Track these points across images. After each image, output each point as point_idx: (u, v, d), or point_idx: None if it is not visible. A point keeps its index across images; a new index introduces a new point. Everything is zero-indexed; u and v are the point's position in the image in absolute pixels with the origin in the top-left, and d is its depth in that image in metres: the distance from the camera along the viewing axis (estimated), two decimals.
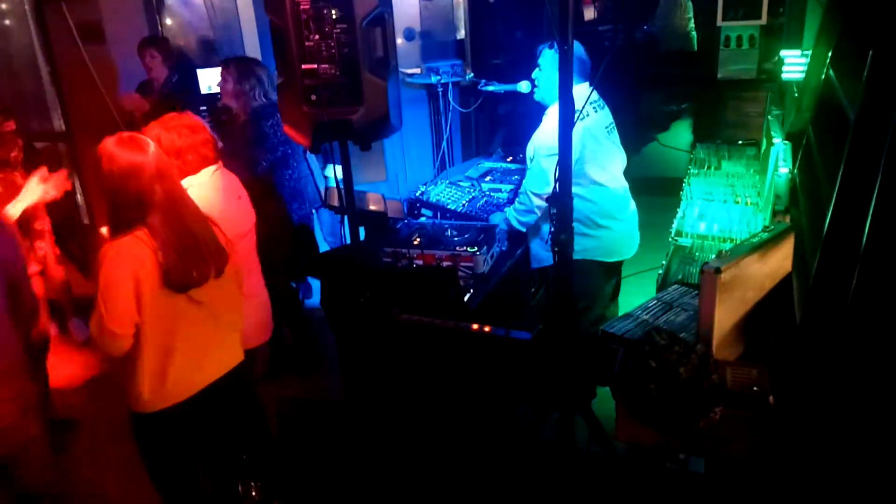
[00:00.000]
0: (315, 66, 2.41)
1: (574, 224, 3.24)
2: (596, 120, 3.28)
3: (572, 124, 2.24)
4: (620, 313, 3.73)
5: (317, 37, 2.39)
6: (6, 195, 3.41)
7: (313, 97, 2.44)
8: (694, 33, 8.49)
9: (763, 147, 4.29)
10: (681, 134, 8.32)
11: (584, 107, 2.40)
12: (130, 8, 6.11)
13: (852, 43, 1.88)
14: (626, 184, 3.53)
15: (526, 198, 3.33)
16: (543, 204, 3.27)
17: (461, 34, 6.81)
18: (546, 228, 3.42)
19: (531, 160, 3.37)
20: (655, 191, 4.90)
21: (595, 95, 3.22)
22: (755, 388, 2.16)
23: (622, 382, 2.21)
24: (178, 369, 2.39)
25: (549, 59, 3.30)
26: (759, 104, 6.10)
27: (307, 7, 2.36)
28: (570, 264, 2.39)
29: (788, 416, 2.04)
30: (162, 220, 2.28)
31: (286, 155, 3.98)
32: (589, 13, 8.26)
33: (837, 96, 1.90)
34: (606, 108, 3.40)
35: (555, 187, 2.31)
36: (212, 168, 2.89)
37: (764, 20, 6.10)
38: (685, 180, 4.20)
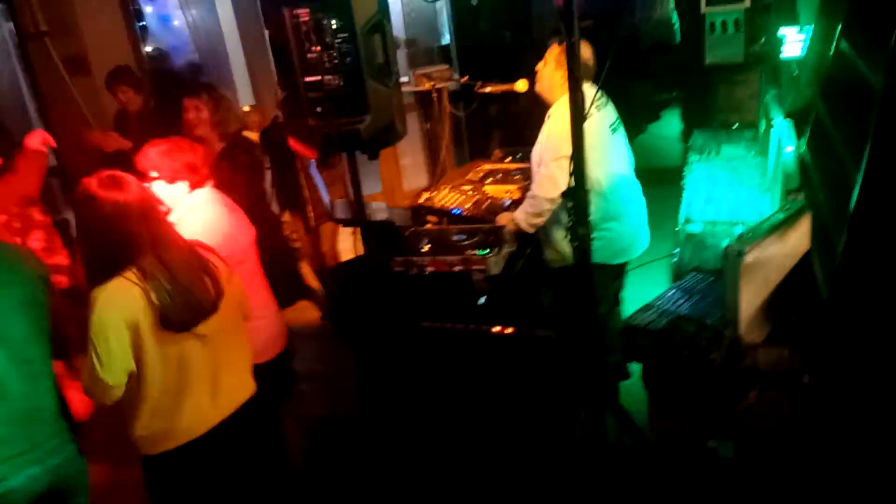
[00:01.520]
0: (319, 77, 2.39)
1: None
2: (597, 119, 3.23)
3: (583, 117, 2.23)
4: (629, 306, 3.71)
5: (318, 48, 2.37)
6: (23, 231, 3.36)
7: (319, 109, 2.42)
8: (677, 25, 8.47)
9: (762, 128, 4.29)
10: (671, 123, 8.32)
11: (589, 107, 2.37)
12: (114, 38, 6.06)
13: (868, 12, 1.88)
14: (633, 182, 3.46)
15: (535, 201, 3.29)
16: (553, 206, 3.23)
17: (446, 39, 6.82)
18: (560, 226, 3.38)
19: (538, 163, 3.32)
20: (650, 181, 4.92)
21: (596, 92, 3.19)
22: (788, 369, 2.16)
23: (654, 373, 2.20)
24: (191, 407, 2.29)
25: (554, 55, 3.25)
26: (750, 87, 6.11)
27: (306, 19, 2.34)
28: (590, 256, 2.37)
29: (823, 393, 2.02)
30: (152, 260, 2.17)
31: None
32: None
33: (856, 67, 1.89)
34: (610, 106, 3.35)
35: (570, 181, 2.29)
36: (207, 187, 2.87)
37: (748, 3, 6.12)
38: (686, 168, 4.20)
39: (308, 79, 2.40)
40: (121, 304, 2.11)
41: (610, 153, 3.27)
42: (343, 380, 3.95)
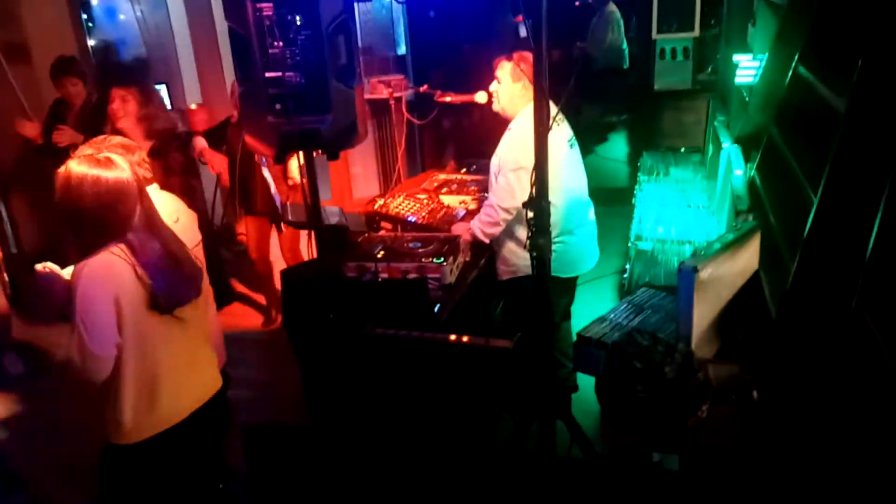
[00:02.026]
0: (280, 74, 2.33)
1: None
2: (556, 133, 3.27)
3: (547, 129, 2.23)
4: (575, 321, 3.75)
5: (281, 44, 2.31)
6: None
7: (278, 106, 2.36)
8: (626, 51, 8.70)
9: (709, 153, 4.42)
10: (618, 145, 8.50)
11: (554, 118, 2.39)
12: (57, 28, 5.84)
13: (831, 39, 1.94)
14: (586, 198, 3.52)
15: (493, 210, 3.31)
16: (509, 216, 3.27)
17: (402, 50, 6.81)
18: (515, 237, 3.40)
19: (497, 174, 3.34)
20: (596, 201, 5.03)
21: (554, 110, 3.23)
22: (738, 384, 2.19)
23: (608, 385, 2.20)
24: (168, 394, 2.26)
25: (507, 71, 3.29)
26: (696, 113, 6.31)
27: (270, 13, 2.28)
28: (548, 268, 2.37)
29: (772, 410, 2.06)
30: (143, 238, 2.18)
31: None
32: (523, 31, 8.40)
33: (816, 91, 1.95)
34: (566, 123, 3.41)
35: (531, 192, 2.29)
36: (151, 187, 2.79)
37: (696, 33, 6.33)
38: (636, 186, 4.28)
39: (269, 74, 2.33)
40: (107, 277, 2.10)
41: (567, 167, 3.31)
42: (287, 387, 3.87)
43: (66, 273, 2.37)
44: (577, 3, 10.15)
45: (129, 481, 2.36)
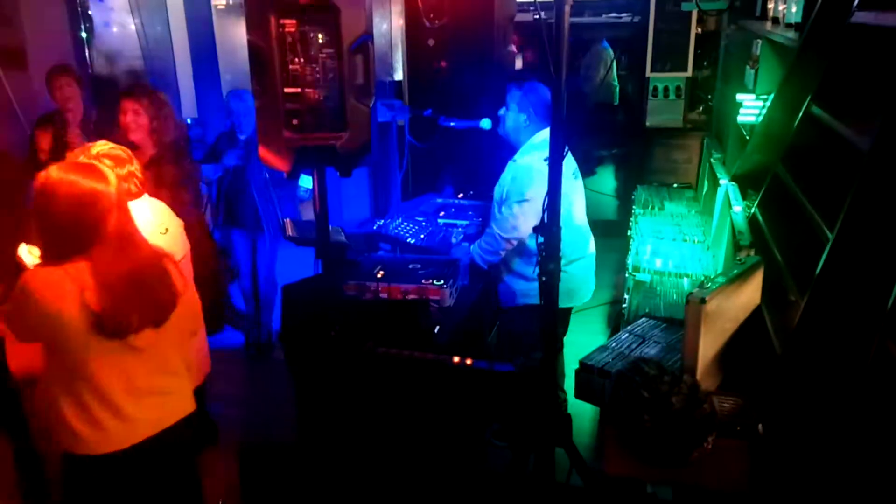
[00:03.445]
0: (299, 90, 2.35)
1: (528, 268, 3.25)
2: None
3: (562, 154, 2.27)
4: (567, 350, 3.76)
5: (301, 60, 2.33)
6: None
7: (295, 121, 2.37)
8: (617, 88, 8.83)
9: (704, 189, 4.49)
10: (608, 179, 8.59)
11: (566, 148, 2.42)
12: (56, 36, 5.83)
13: (851, 79, 2.00)
14: (587, 229, 3.56)
15: (493, 239, 3.33)
16: (510, 247, 3.31)
17: (398, 75, 6.87)
18: (513, 267, 3.43)
19: (500, 203, 3.36)
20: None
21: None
22: (743, 418, 2.21)
23: (614, 413, 2.20)
24: (118, 416, 2.18)
25: (516, 100, 3.33)
26: (687, 151, 6.43)
27: (293, 30, 2.30)
28: (556, 293, 2.39)
29: (778, 445, 2.08)
30: (109, 255, 2.10)
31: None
32: (518, 62, 8.51)
33: (833, 130, 2.00)
34: (570, 155, 3.42)
35: (543, 217, 2.31)
36: (139, 200, 2.79)
37: (689, 73, 6.46)
38: (632, 219, 4.33)
39: (288, 90, 2.35)
40: (47, 296, 2.03)
41: (570, 197, 3.36)
42: (274, 405, 3.83)
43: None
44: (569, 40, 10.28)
45: (84, 492, 2.28)
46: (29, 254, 2.40)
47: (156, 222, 2.83)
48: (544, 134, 3.32)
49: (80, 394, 2.14)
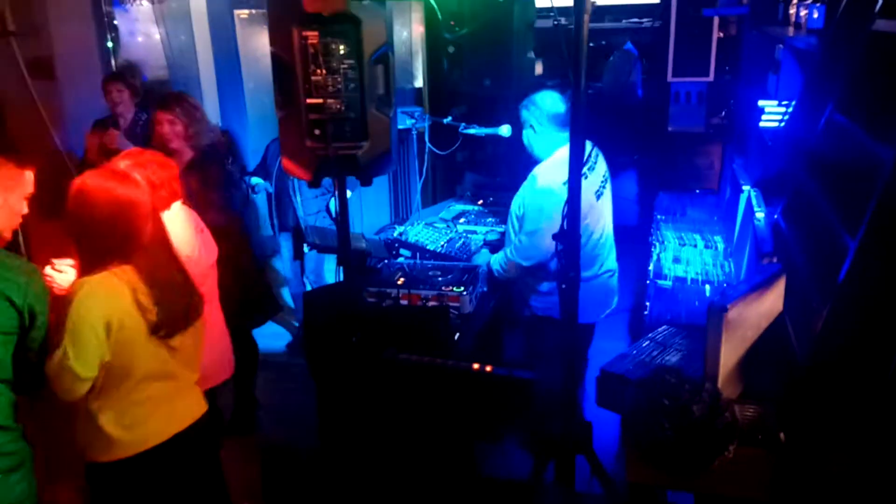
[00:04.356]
0: (321, 100, 2.38)
1: (549, 282, 3.21)
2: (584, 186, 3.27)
3: (581, 167, 2.27)
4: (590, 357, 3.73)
5: (323, 72, 2.36)
6: None
7: (317, 131, 2.40)
8: (639, 91, 8.79)
9: (727, 195, 4.46)
10: (629, 184, 8.56)
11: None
12: (83, 45, 5.93)
13: (875, 88, 1.99)
14: (610, 243, 3.49)
15: (509, 263, 3.28)
16: (525, 268, 3.23)
17: (419, 82, 6.90)
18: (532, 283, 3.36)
19: (519, 220, 3.28)
20: None
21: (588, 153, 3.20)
22: (765, 426, 2.19)
23: (635, 421, 2.20)
24: (149, 417, 2.25)
25: (524, 117, 3.28)
26: (709, 156, 6.39)
27: (315, 42, 2.33)
28: (577, 301, 2.39)
29: (800, 454, 2.06)
30: (149, 259, 2.17)
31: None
32: (539, 68, 8.52)
33: (855, 139, 1.99)
34: (599, 167, 3.34)
35: (562, 224, 2.32)
36: (178, 203, 2.85)
37: (711, 78, 6.42)
38: (653, 225, 4.31)
39: (310, 101, 2.39)
40: (104, 299, 2.07)
41: (592, 217, 3.24)
42: (302, 409, 3.86)
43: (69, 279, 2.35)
44: (590, 44, 10.27)
45: (113, 497, 2.33)
46: (59, 270, 2.41)
47: (191, 225, 2.89)
48: (565, 151, 3.27)
49: (122, 399, 2.19)
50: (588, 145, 3.01)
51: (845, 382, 1.88)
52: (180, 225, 2.81)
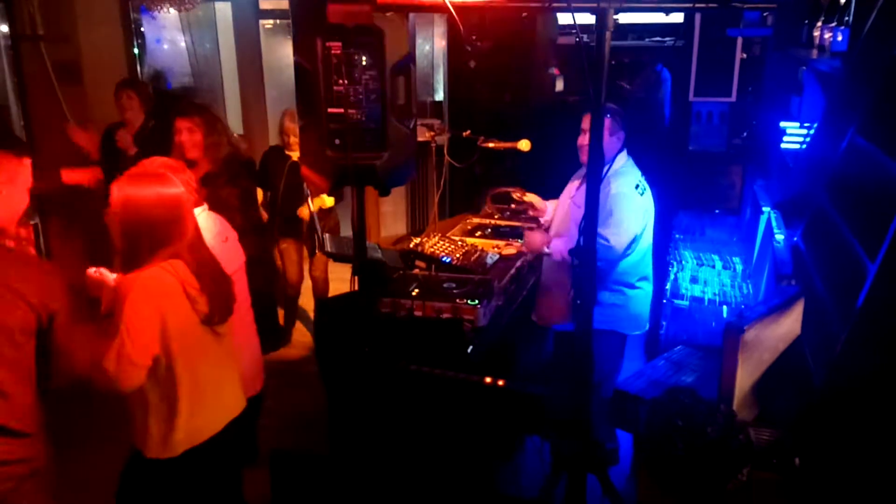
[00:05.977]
0: (342, 110, 2.39)
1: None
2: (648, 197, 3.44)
3: (600, 178, 2.27)
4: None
5: (345, 82, 2.38)
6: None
7: (337, 141, 2.41)
8: (667, 110, 8.74)
9: (747, 216, 4.43)
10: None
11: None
12: (111, 50, 6.03)
13: (892, 113, 1.98)
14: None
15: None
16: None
17: (439, 96, 6.94)
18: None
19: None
20: None
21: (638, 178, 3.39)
22: (780, 450, 2.16)
23: (648, 441, 2.18)
24: (199, 409, 2.31)
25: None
26: (730, 177, 6.34)
27: (338, 52, 2.35)
28: (591, 316, 2.37)
29: (815, 479, 2.03)
30: (192, 251, 2.27)
31: None
32: (560, 84, 8.54)
33: (877, 162, 1.97)
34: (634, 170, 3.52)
35: (579, 240, 2.31)
36: (199, 209, 2.85)
37: (733, 98, 6.39)
38: (672, 245, 4.29)
39: (331, 110, 2.40)
40: (158, 292, 2.17)
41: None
42: (314, 417, 3.86)
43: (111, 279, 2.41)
44: (612, 62, 10.25)
45: (150, 494, 2.36)
46: (101, 272, 2.43)
47: (217, 230, 2.89)
48: (623, 158, 3.44)
49: (174, 391, 2.25)
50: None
51: (863, 408, 1.85)
52: (206, 227, 2.81)
